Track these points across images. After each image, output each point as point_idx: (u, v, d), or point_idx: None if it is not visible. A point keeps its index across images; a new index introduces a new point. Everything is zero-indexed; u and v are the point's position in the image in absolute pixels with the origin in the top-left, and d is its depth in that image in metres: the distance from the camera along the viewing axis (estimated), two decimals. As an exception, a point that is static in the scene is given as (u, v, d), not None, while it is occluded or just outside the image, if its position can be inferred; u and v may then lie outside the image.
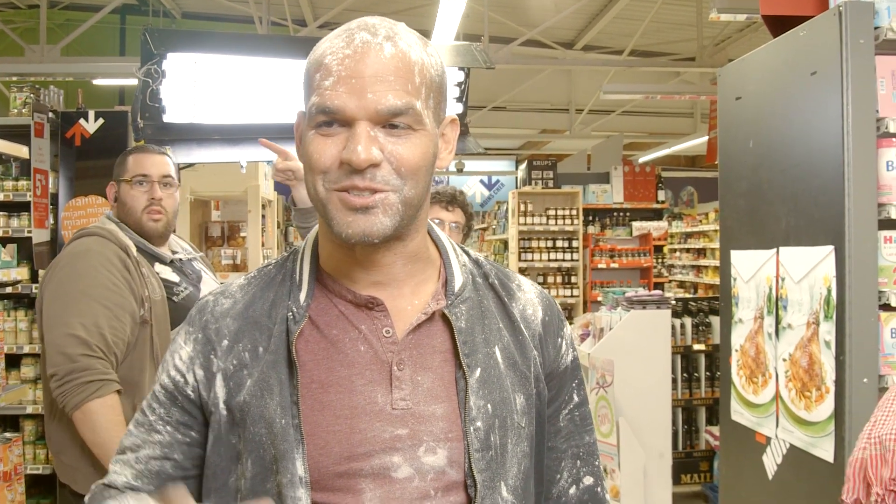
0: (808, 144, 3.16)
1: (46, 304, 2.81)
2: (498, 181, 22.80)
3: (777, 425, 3.32)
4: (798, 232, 3.21)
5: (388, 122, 1.25)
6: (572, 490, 1.47)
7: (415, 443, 1.28)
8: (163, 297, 2.97)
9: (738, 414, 3.66)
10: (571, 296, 10.66)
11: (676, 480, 6.24)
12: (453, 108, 3.89)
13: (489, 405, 1.31)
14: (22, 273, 3.23)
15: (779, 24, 3.56)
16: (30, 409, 5.51)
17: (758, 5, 3.64)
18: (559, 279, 10.72)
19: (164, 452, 1.36)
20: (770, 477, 3.38)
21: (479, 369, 1.32)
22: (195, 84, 3.46)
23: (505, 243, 12.07)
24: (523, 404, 1.36)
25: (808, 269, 3.11)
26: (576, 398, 1.50)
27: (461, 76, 3.87)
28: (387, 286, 1.36)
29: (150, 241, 3.06)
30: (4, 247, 3.35)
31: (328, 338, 1.32)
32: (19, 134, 5.46)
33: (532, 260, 10.54)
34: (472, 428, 1.29)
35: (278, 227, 7.43)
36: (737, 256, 3.70)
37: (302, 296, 1.35)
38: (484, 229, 15.43)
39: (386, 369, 1.30)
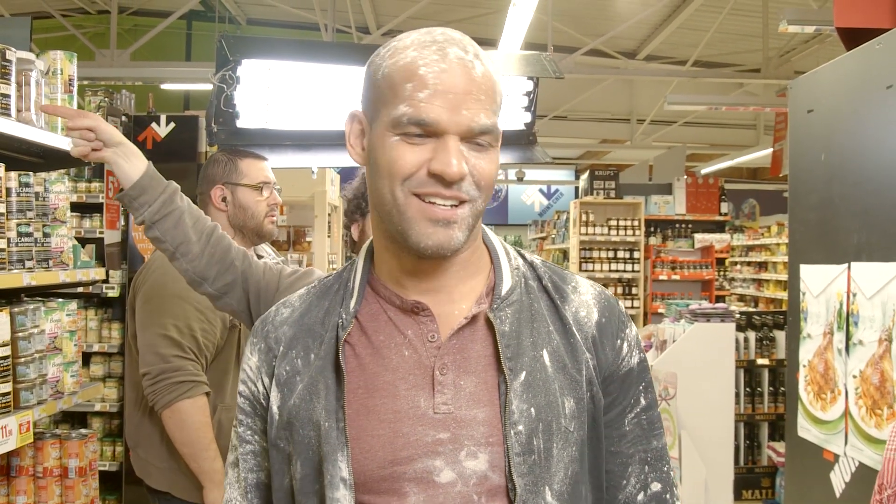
0: (883, 158, 3.12)
1: (140, 304, 2.88)
2: (557, 190, 22.75)
3: (846, 443, 3.27)
4: (871, 247, 3.16)
5: (475, 139, 1.29)
6: (640, 497, 1.44)
7: (456, 447, 1.29)
8: None
9: (805, 430, 3.61)
10: (632, 307, 10.61)
11: (737, 496, 6.17)
12: (522, 118, 3.90)
13: (533, 409, 1.30)
14: (100, 273, 3.30)
15: (853, 37, 3.51)
16: (98, 407, 5.63)
17: (827, 17, 3.60)
18: (620, 290, 10.68)
19: (258, 462, 1.44)
20: (838, 495, 3.33)
21: (523, 373, 1.32)
22: (268, 90, 3.51)
23: (565, 253, 12.05)
24: (573, 408, 1.34)
25: (881, 284, 3.07)
26: (643, 401, 1.46)
27: (530, 86, 3.88)
28: (437, 292, 1.38)
29: (258, 244, 3.11)
30: (84, 247, 3.44)
31: (375, 343, 1.35)
32: (93, 137, 5.60)
33: (593, 270, 10.51)
34: (512, 432, 1.28)
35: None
36: (806, 271, 3.66)
37: (352, 302, 1.38)
38: (543, 238, 15.41)
39: (429, 374, 1.32)
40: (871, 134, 3.20)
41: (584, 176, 11.50)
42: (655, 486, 1.45)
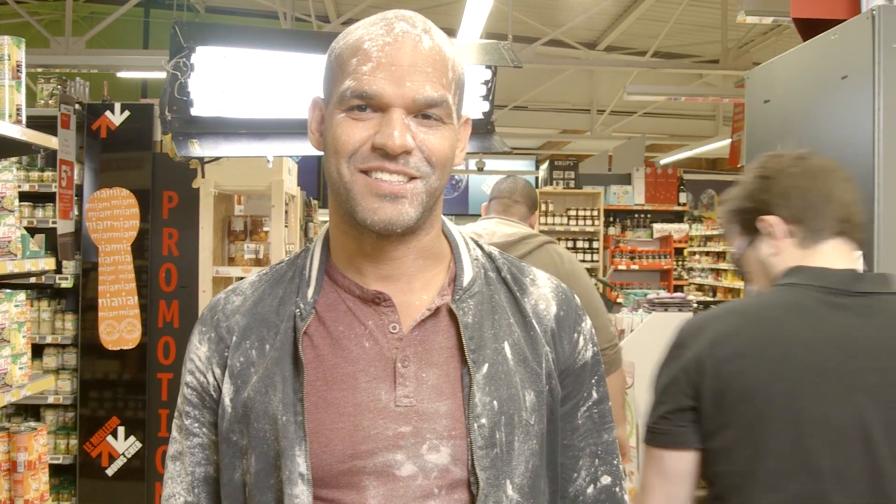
0: (838, 148, 3.13)
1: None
2: (517, 181, 22.71)
3: (801, 431, 3.29)
4: (826, 237, 3.18)
5: (422, 112, 1.27)
6: (590, 490, 1.44)
7: (418, 440, 1.27)
8: None
9: (761, 418, 3.64)
10: (591, 297, 10.64)
11: (694, 484, 6.20)
12: (480, 107, 3.88)
13: (495, 402, 1.29)
14: (49, 263, 3.25)
15: (809, 28, 3.53)
16: (51, 400, 5.55)
17: (785, 8, 3.60)
18: (578, 280, 10.70)
19: (206, 455, 1.39)
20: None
21: (486, 365, 1.30)
22: (223, 78, 3.46)
23: (524, 243, 12.03)
24: (533, 401, 1.33)
25: (835, 274, 3.08)
26: (595, 395, 1.45)
27: (488, 75, 3.87)
28: (397, 281, 1.35)
29: None
30: (32, 237, 3.37)
31: (334, 334, 1.32)
32: (45, 125, 5.48)
33: (552, 260, 10.52)
34: (475, 425, 1.27)
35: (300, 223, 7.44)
36: (762, 260, 3.68)
37: (310, 292, 1.35)
38: (503, 228, 15.39)
39: (390, 366, 1.30)
40: (827, 124, 3.22)
41: (544, 166, 11.52)
42: (605, 480, 1.45)
